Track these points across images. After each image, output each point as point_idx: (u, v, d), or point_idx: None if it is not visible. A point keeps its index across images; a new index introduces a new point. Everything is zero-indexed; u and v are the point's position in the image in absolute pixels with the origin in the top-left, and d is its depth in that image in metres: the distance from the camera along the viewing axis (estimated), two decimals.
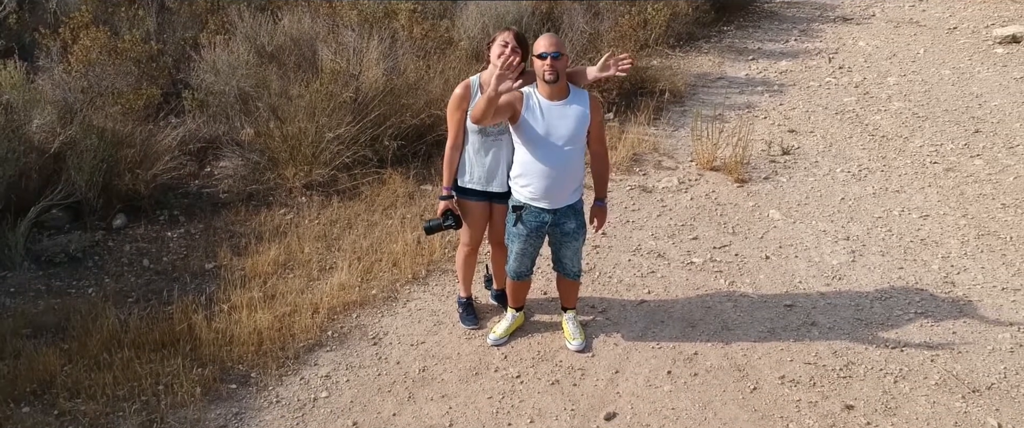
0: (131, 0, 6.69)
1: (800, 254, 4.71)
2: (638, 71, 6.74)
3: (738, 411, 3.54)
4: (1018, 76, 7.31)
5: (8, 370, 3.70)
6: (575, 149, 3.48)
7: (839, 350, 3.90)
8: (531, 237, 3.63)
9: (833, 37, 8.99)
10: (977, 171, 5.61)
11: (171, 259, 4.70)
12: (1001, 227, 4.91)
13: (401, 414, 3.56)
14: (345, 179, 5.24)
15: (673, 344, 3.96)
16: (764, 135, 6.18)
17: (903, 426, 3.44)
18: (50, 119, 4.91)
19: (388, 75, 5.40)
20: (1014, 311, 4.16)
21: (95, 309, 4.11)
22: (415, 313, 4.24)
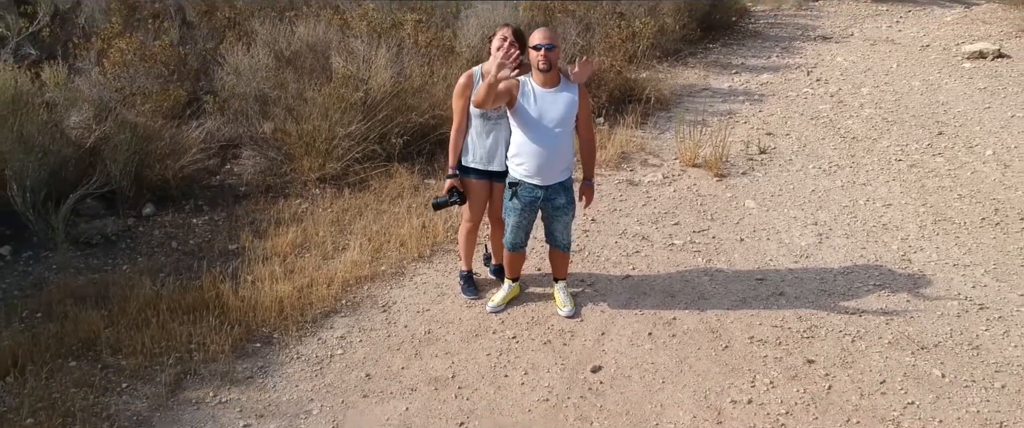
0: (155, 15, 7.17)
1: (772, 237, 5.14)
2: (626, 80, 7.21)
3: (710, 365, 3.95)
4: (981, 86, 7.79)
5: (56, 330, 4.10)
6: (565, 132, 3.92)
7: (803, 316, 4.32)
8: (525, 211, 4.06)
9: (813, 54, 9.49)
10: (938, 167, 6.06)
11: (197, 241, 5.12)
12: (956, 214, 5.35)
13: (409, 367, 3.96)
14: (355, 173, 5.67)
15: (654, 311, 4.38)
16: (743, 137, 6.63)
17: (858, 377, 3.85)
18: (87, 116, 5.35)
19: (395, 79, 5.86)
20: (963, 284, 4.58)
21: (131, 280, 4.52)
22: (420, 286, 4.65)
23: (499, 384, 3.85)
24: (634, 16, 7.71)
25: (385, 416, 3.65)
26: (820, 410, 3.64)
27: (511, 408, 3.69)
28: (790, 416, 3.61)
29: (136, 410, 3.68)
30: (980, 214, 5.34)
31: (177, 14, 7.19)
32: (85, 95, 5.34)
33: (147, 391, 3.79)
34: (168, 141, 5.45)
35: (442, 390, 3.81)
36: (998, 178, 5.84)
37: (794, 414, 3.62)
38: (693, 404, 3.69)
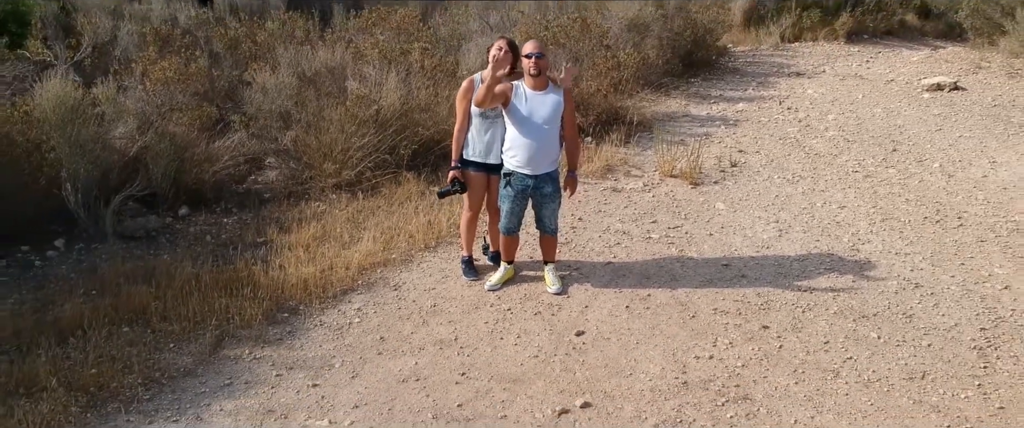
0: (186, 46, 7.88)
1: (738, 232, 5.76)
2: (612, 105, 7.89)
3: (679, 330, 4.54)
4: (936, 113, 8.49)
5: (112, 303, 4.68)
6: (552, 128, 4.57)
7: (761, 292, 4.91)
8: (518, 198, 4.69)
9: (786, 87, 10.20)
10: (890, 177, 6.71)
11: (229, 236, 5.73)
12: (902, 214, 5.98)
13: (417, 332, 4.55)
14: (368, 179, 6.31)
15: (631, 289, 4.97)
16: (717, 153, 7.29)
17: (806, 339, 4.43)
18: (131, 128, 6.00)
19: (404, 99, 6.53)
20: (903, 268, 5.19)
21: (174, 264, 5.12)
22: (426, 270, 5.26)
23: (495, 345, 4.42)
24: (619, 48, 8.43)
25: (397, 369, 4.22)
26: (771, 363, 4.21)
27: (506, 362, 4.26)
28: (745, 368, 4.18)
29: (183, 364, 4.25)
30: (923, 214, 5.97)
31: (206, 45, 7.90)
32: (130, 109, 5.99)
33: (192, 349, 4.36)
34: (202, 150, 6.09)
35: (446, 349, 4.39)
36: (942, 185, 6.49)
37: (749, 366, 4.19)
38: (662, 359, 4.27)
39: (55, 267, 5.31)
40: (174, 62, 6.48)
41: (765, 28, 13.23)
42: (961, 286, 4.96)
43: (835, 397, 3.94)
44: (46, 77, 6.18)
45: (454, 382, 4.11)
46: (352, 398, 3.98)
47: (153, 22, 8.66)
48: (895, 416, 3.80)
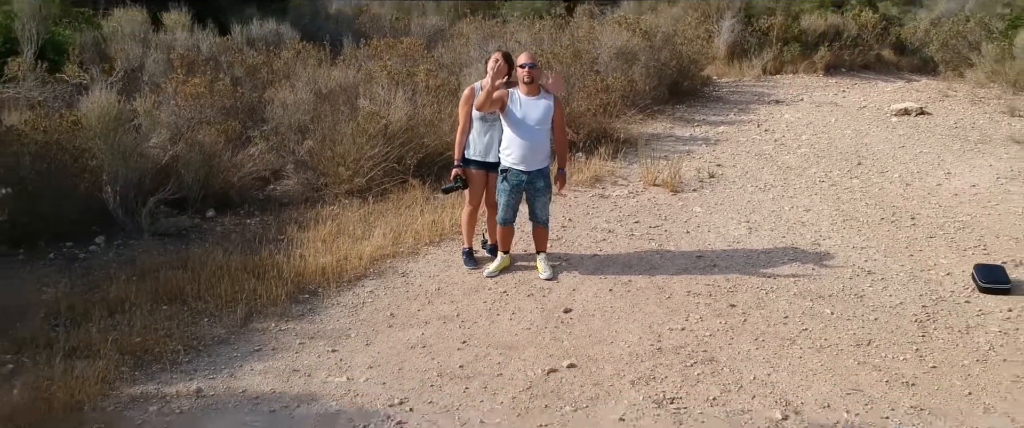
0: (210, 70, 8.52)
1: (712, 230, 6.33)
2: (601, 124, 8.52)
3: (656, 308, 5.08)
4: (901, 133, 9.12)
5: (152, 285, 5.22)
6: (543, 130, 5.17)
7: (730, 278, 5.47)
8: (513, 191, 5.27)
9: (765, 113, 10.85)
10: (853, 186, 7.30)
11: (252, 233, 6.29)
12: (861, 216, 6.56)
13: (423, 310, 5.09)
14: (378, 186, 6.89)
15: (614, 276, 5.53)
16: (697, 166, 7.89)
17: (768, 315, 4.98)
18: (164, 138, 6.60)
19: (410, 115, 7.15)
20: (858, 259, 5.75)
21: (205, 254, 5.68)
22: (431, 261, 5.81)
23: (492, 320, 4.97)
24: (608, 73, 9.08)
25: (406, 338, 4.76)
26: (736, 334, 4.76)
27: (501, 333, 4.81)
28: (713, 337, 4.73)
29: (217, 334, 4.79)
30: (880, 216, 6.55)
31: (227, 70, 8.55)
32: (163, 122, 6.60)
33: (224, 322, 4.90)
34: (227, 159, 6.68)
35: (449, 323, 4.93)
36: (899, 192, 7.08)
37: (716, 336, 4.74)
38: (640, 331, 4.81)
39: (97, 259, 5.86)
40: (204, 80, 7.11)
41: (748, 61, 13.94)
42: (909, 273, 5.52)
43: (790, 360, 4.48)
44: (86, 96, 6.82)
45: (456, 349, 4.65)
46: (367, 361, 4.52)
47: (178, 49, 9.31)
48: (841, 374, 4.34)
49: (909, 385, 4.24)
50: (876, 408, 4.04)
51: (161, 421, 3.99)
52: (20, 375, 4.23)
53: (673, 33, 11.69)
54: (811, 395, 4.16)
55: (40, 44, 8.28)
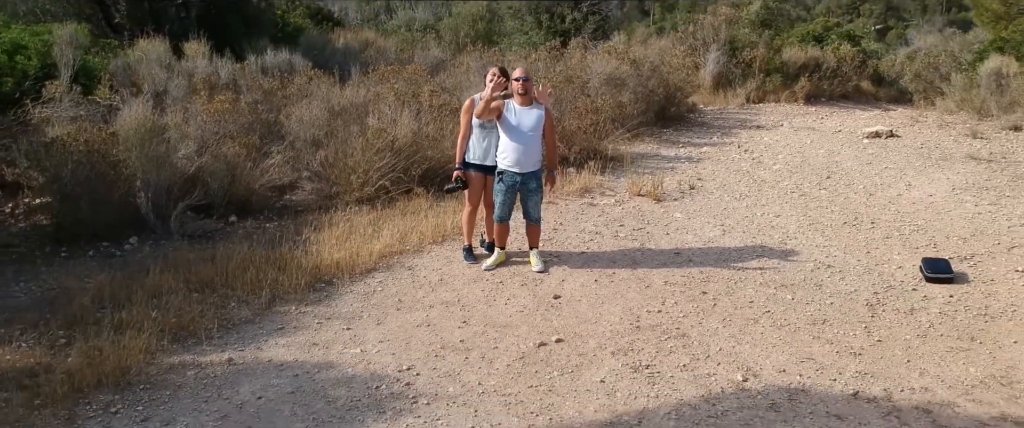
0: (230, 93, 9.15)
1: (690, 232, 6.91)
2: (591, 142, 9.13)
3: (636, 295, 5.63)
4: (871, 152, 9.74)
5: (184, 275, 5.78)
6: (535, 135, 5.77)
7: (704, 271, 6.03)
8: (509, 192, 5.85)
9: (746, 136, 11.49)
10: (821, 196, 7.89)
11: (272, 234, 6.85)
12: (826, 220, 7.14)
13: (428, 296, 5.64)
14: (385, 194, 7.47)
15: (600, 269, 6.09)
16: (679, 179, 8.49)
17: (735, 300, 5.53)
18: (191, 150, 7.20)
19: (415, 131, 7.76)
20: (820, 255, 6.31)
21: (230, 251, 6.24)
22: (435, 257, 6.37)
23: (490, 304, 5.52)
24: (598, 97, 9.73)
25: (412, 319, 5.31)
26: (706, 315, 5.31)
27: (498, 315, 5.35)
28: (685, 318, 5.27)
29: (244, 315, 5.34)
30: (843, 220, 7.13)
31: (247, 92, 9.18)
32: (191, 135, 7.20)
33: (251, 306, 5.45)
34: (248, 170, 7.27)
35: (451, 307, 5.48)
36: (862, 201, 7.67)
37: (688, 317, 5.29)
38: (621, 313, 5.36)
39: (132, 256, 6.41)
40: (228, 97, 7.73)
41: (732, 90, 14.65)
42: (864, 267, 6.09)
43: (752, 335, 5.03)
44: (116, 116, 7.44)
45: (457, 327, 5.19)
46: (378, 336, 5.06)
47: (198, 75, 9.96)
48: (797, 346, 4.89)
49: (856, 355, 4.78)
50: (826, 373, 4.58)
51: (198, 383, 4.52)
52: (74, 346, 4.77)
53: (660, 63, 12.37)
54: (769, 362, 4.70)
55: (75, 69, 8.91)
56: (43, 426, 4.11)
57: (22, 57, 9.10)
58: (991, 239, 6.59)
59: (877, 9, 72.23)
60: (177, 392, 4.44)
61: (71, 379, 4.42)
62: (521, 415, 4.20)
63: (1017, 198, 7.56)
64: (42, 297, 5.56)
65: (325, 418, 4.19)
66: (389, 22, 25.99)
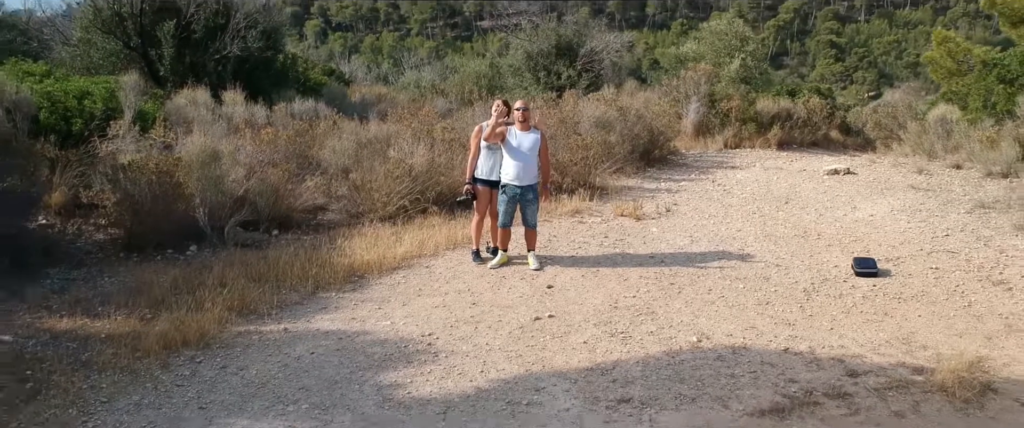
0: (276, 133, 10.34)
1: (663, 242, 8.00)
2: (582, 174, 10.29)
3: (615, 285, 6.70)
4: (827, 185, 10.89)
5: (242, 270, 6.86)
6: (533, 155, 6.92)
7: (673, 269, 7.11)
8: (511, 201, 6.98)
9: (721, 174, 12.64)
10: (778, 216, 9.01)
11: (310, 244, 7.95)
12: (780, 234, 8.24)
13: (443, 287, 6.71)
14: (404, 213, 8.59)
15: (586, 268, 7.16)
16: (657, 204, 9.62)
17: (698, 288, 6.59)
18: (240, 175, 8.35)
19: (429, 161, 8.93)
20: (771, 258, 7.39)
21: (278, 254, 7.33)
22: (448, 259, 7.45)
23: (495, 292, 6.58)
24: (588, 135, 10.94)
25: (431, 302, 6.37)
26: (672, 299, 6.37)
27: (501, 299, 6.41)
28: (655, 301, 6.33)
29: (293, 298, 6.40)
30: (794, 233, 8.23)
31: (282, 130, 10.38)
32: (241, 162, 8.36)
33: (298, 292, 6.52)
34: (288, 191, 8.41)
35: (462, 294, 6.55)
36: (813, 220, 8.78)
37: (657, 300, 6.35)
38: (602, 297, 6.42)
39: (194, 259, 7.50)
40: (272, 131, 8.93)
41: (712, 137, 15.88)
42: (806, 266, 7.17)
43: (709, 312, 6.09)
44: (168, 151, 8.63)
45: (468, 307, 6.25)
46: (404, 313, 6.12)
47: (237, 118, 11.19)
48: (744, 319, 5.94)
49: (790, 324, 5.84)
50: (764, 337, 5.63)
51: (262, 344, 5.58)
52: (160, 318, 5.83)
53: (645, 111, 13.62)
54: (720, 330, 5.75)
55: (135, 111, 10.14)
56: (145, 370, 5.15)
57: (89, 101, 10.33)
58: (915, 246, 7.69)
59: (870, 77, 74.00)
60: (246, 350, 5.49)
61: (163, 339, 5.47)
62: (520, 365, 5.24)
63: (943, 217, 8.69)
64: (126, 287, 6.63)
65: (365, 366, 5.24)
66: (399, 80, 27.46)
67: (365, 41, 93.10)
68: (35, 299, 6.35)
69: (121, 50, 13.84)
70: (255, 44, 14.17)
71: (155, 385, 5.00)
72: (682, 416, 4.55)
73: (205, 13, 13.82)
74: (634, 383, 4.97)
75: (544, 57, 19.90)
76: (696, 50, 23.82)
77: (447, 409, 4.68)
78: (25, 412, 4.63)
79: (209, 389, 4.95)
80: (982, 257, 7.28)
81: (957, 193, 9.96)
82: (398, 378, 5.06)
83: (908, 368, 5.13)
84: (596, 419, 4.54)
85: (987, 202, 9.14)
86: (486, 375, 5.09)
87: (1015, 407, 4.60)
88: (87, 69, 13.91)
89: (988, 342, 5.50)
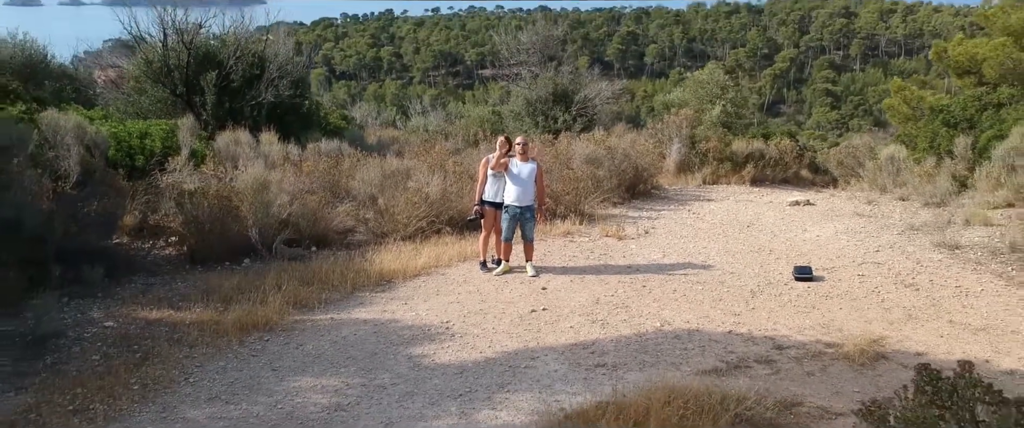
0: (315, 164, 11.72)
1: (640, 256, 9.31)
2: (574, 205, 11.63)
3: (597, 287, 7.99)
4: (787, 213, 12.22)
5: (292, 275, 8.17)
6: (530, 181, 8.27)
7: (645, 276, 8.40)
8: (512, 220, 8.31)
9: (697, 205, 13.96)
10: (739, 237, 10.33)
11: (344, 257, 9.26)
12: (738, 250, 9.54)
13: (456, 289, 8.00)
14: (422, 234, 9.91)
15: (575, 275, 8.46)
16: (638, 227, 10.95)
17: (664, 288, 7.89)
18: (285, 200, 9.70)
19: (443, 190, 10.28)
20: (729, 267, 8.68)
21: (319, 263, 8.64)
22: (460, 269, 8.75)
23: (499, 292, 7.87)
24: (579, 169, 12.31)
25: (447, 300, 7.65)
26: (642, 296, 7.66)
27: (504, 297, 7.70)
28: (629, 298, 7.62)
29: (335, 297, 7.69)
30: (750, 249, 9.54)
31: (318, 164, 11.76)
32: (285, 189, 9.72)
33: (339, 292, 7.80)
34: (324, 215, 9.75)
35: (472, 294, 7.84)
36: (767, 240, 10.10)
37: (631, 298, 7.63)
38: (587, 296, 7.70)
39: (249, 269, 8.80)
40: (313, 164, 10.31)
41: (692, 174, 17.24)
42: (756, 273, 8.47)
43: (672, 306, 7.37)
44: (219, 181, 9.98)
45: (477, 303, 7.54)
46: (425, 307, 7.41)
47: (274, 155, 12.57)
48: (700, 311, 7.22)
49: (736, 315, 7.12)
50: (714, 322, 6.91)
51: (314, 328, 6.85)
52: (231, 309, 7.12)
53: (631, 151, 15.01)
54: (680, 318, 7.03)
55: (191, 149, 11.53)
56: (226, 345, 6.43)
57: (149, 141, 11.75)
58: (849, 259, 8.99)
59: (866, 123, 75.29)
60: (302, 332, 6.77)
61: (237, 323, 6.75)
62: (520, 342, 6.51)
63: (877, 238, 10.00)
64: (198, 289, 7.91)
65: (397, 342, 6.51)
66: (408, 124, 28.97)
67: (369, 89, 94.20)
68: (126, 298, 7.64)
69: (168, 97, 15.30)
70: (286, 92, 15.64)
71: (235, 355, 6.27)
72: (643, 375, 5.80)
73: (243, 65, 15.31)
74: (608, 354, 6.24)
75: (542, 103, 21.42)
76: (681, 97, 25.44)
77: (463, 370, 5.94)
78: (138, 373, 5.89)
79: (277, 358, 6.22)
80: (901, 267, 8.58)
81: (895, 219, 11.28)
82: (424, 350, 6.33)
83: (823, 344, 6.40)
84: (578, 376, 5.80)
85: (916, 225, 10.46)
86: (493, 348, 6.36)
87: (898, 369, 5.86)
88: (137, 114, 15.33)
89: (890, 326, 6.77)
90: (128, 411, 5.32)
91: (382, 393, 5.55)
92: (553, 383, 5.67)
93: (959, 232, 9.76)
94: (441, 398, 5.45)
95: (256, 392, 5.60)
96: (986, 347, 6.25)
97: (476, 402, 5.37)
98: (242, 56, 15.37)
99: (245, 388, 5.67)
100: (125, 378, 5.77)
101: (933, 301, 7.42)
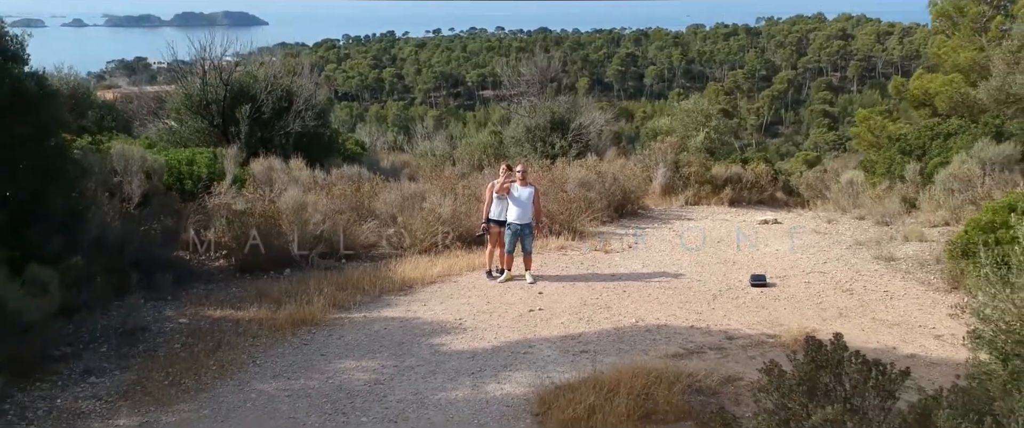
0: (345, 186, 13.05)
1: (623, 267, 10.60)
2: (567, 223, 12.94)
3: (585, 292, 9.27)
4: (754, 230, 13.51)
5: (331, 283, 9.46)
6: (529, 202, 9.57)
7: (626, 283, 9.69)
8: (514, 235, 9.62)
9: (679, 224, 15.25)
10: (709, 251, 11.63)
11: (371, 267, 10.56)
12: (707, 261, 10.83)
13: (467, 293, 9.29)
14: (436, 248, 11.21)
15: (566, 282, 9.75)
16: (623, 242, 12.25)
17: (643, 292, 9.18)
18: (318, 218, 11.01)
19: (454, 209, 11.59)
20: (697, 276, 9.97)
21: (350, 272, 9.94)
22: (469, 278, 10.04)
23: (502, 296, 9.15)
24: (572, 192, 13.63)
25: (459, 302, 8.93)
26: (623, 299, 8.94)
27: (507, 300, 8.99)
28: (612, 300, 8.91)
29: (366, 299, 8.98)
30: (717, 261, 10.83)
31: (345, 188, 13.08)
32: (319, 208, 11.03)
33: (368, 294, 9.09)
34: (353, 231, 11.05)
35: (479, 297, 9.12)
36: (733, 253, 11.39)
37: (614, 300, 8.92)
38: (576, 298, 8.99)
39: (290, 278, 10.09)
40: (343, 187, 11.63)
41: (676, 195, 18.53)
42: (719, 281, 9.76)
43: (647, 306, 8.65)
44: (263, 202, 11.30)
45: (484, 304, 8.82)
46: (442, 308, 8.69)
47: (303, 179, 13.90)
48: (670, 310, 8.50)
49: (699, 313, 8.40)
50: (680, 319, 8.18)
51: (351, 323, 8.14)
52: (282, 308, 8.40)
53: (620, 174, 16.34)
54: (652, 316, 8.32)
55: (233, 174, 12.86)
56: (281, 336, 7.72)
57: (196, 167, 13.09)
58: (800, 269, 10.28)
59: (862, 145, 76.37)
60: (342, 326, 8.06)
61: (289, 319, 8.04)
62: (520, 334, 7.79)
63: (826, 252, 11.29)
64: (251, 293, 9.19)
65: (420, 334, 7.79)
66: (416, 148, 30.33)
67: (370, 110, 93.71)
68: (192, 300, 8.93)
69: (206, 127, 16.67)
70: (311, 122, 17.02)
71: (290, 344, 7.55)
72: (618, 358, 7.07)
73: (273, 99, 16.70)
74: (591, 343, 7.52)
75: (541, 130, 22.80)
76: (669, 125, 26.83)
77: (474, 355, 7.22)
78: (214, 357, 7.17)
79: (323, 345, 7.50)
80: (842, 275, 9.87)
81: (846, 236, 12.58)
82: (442, 340, 7.61)
83: (766, 335, 7.68)
84: (566, 360, 7.08)
85: (863, 241, 11.75)
86: (498, 339, 7.65)
87: None
88: (176, 143, 16.70)
89: (823, 322, 8.05)
90: (211, 385, 6.59)
91: (410, 372, 6.82)
92: (546, 365, 6.94)
93: (898, 247, 11.06)
94: (458, 375, 6.72)
95: (311, 371, 6.87)
96: (896, 338, 7.53)
97: (485, 378, 6.63)
98: (272, 90, 16.75)
99: (301, 368, 6.94)
100: (205, 361, 7.04)
101: (863, 303, 8.70)
